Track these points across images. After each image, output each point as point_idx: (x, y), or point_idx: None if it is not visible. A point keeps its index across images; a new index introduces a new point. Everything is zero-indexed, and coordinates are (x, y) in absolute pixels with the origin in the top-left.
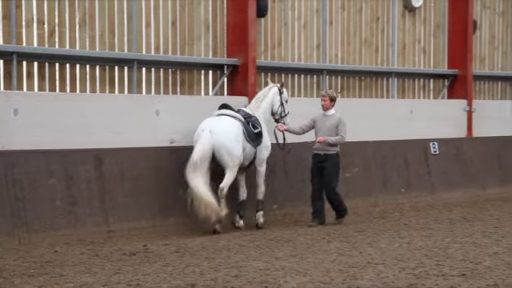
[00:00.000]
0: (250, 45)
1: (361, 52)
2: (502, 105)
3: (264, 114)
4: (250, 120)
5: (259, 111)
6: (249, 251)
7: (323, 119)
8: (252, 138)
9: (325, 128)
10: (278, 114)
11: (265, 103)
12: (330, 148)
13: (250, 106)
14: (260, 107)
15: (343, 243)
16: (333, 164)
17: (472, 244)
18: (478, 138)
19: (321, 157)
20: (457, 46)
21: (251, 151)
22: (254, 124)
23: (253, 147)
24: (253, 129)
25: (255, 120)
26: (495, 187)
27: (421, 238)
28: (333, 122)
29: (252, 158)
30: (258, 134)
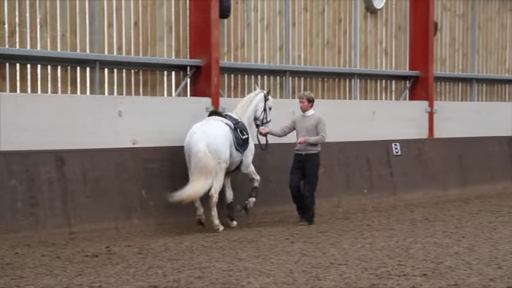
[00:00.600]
0: (212, 46)
1: (323, 53)
2: (462, 106)
3: (249, 119)
4: (237, 126)
5: (245, 117)
6: (212, 252)
7: (303, 120)
8: (240, 144)
9: (304, 129)
10: (260, 120)
11: (250, 108)
12: (310, 148)
13: (237, 110)
14: (246, 112)
15: (306, 244)
16: (313, 164)
17: (433, 244)
18: (439, 139)
19: (302, 156)
20: (418, 47)
21: (238, 157)
22: (242, 130)
23: (240, 153)
24: (241, 135)
25: (242, 126)
26: (456, 188)
27: (383, 238)
28: (312, 122)
29: (238, 163)
30: (245, 140)
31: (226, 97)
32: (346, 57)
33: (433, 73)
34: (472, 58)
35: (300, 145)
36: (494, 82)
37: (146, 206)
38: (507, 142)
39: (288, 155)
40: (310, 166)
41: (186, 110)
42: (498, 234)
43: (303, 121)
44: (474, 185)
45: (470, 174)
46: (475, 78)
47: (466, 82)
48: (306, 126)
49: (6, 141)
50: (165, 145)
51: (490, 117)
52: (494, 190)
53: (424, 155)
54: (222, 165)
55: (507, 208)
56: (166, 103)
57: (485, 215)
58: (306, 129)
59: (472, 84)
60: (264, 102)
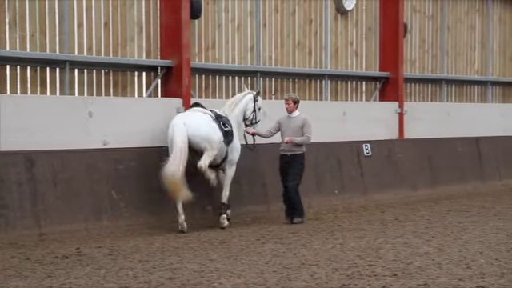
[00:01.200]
0: (183, 46)
1: (294, 54)
2: (432, 107)
3: (237, 118)
4: (220, 120)
5: (232, 114)
6: (183, 253)
7: (288, 121)
8: (223, 134)
9: (290, 129)
10: (249, 120)
11: (238, 108)
12: (296, 149)
13: (224, 108)
14: (234, 111)
15: (277, 244)
16: (298, 164)
17: (403, 244)
18: (409, 140)
19: (287, 157)
20: (388, 48)
21: (223, 148)
22: (225, 123)
23: (224, 144)
24: (223, 127)
25: (226, 120)
26: (426, 188)
27: (354, 238)
28: (298, 123)
29: (224, 156)
30: (227, 132)
31: (197, 97)
32: (317, 58)
33: (403, 74)
34: (441, 59)
35: (285, 145)
36: (463, 83)
37: (116, 207)
38: (476, 143)
39: (258, 157)
40: (294, 165)
41: (157, 110)
42: (468, 234)
43: (289, 122)
44: (444, 185)
45: (440, 174)
46: (444, 79)
47: (436, 83)
48: (292, 127)
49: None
50: (136, 145)
51: (459, 117)
52: (464, 190)
53: (394, 156)
54: (213, 145)
55: (476, 208)
56: (137, 104)
57: (454, 215)
58: (291, 130)
59: (441, 85)
60: (253, 102)
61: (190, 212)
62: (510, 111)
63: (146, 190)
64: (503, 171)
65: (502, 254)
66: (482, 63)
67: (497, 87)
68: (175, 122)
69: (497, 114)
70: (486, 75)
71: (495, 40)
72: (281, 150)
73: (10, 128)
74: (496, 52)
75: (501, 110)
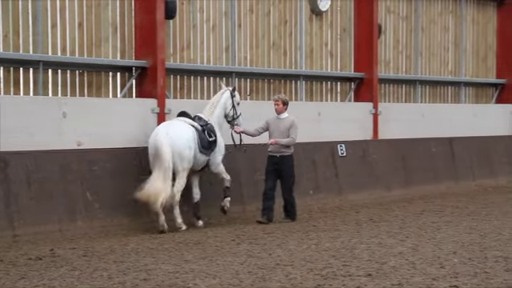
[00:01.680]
0: (158, 47)
1: (269, 55)
2: (406, 107)
3: (218, 119)
4: (205, 128)
5: (213, 117)
6: (158, 254)
7: (276, 122)
8: (205, 146)
9: (278, 130)
10: (230, 117)
11: (218, 108)
12: (284, 150)
13: (205, 111)
14: (214, 113)
15: (252, 245)
16: (289, 166)
17: (378, 244)
18: (384, 140)
19: (276, 158)
20: (362, 49)
21: (202, 158)
22: (210, 132)
23: (205, 155)
24: (208, 137)
25: (211, 128)
26: (400, 188)
27: (328, 239)
28: (286, 124)
29: (204, 164)
30: (211, 143)
31: (172, 98)
32: (292, 58)
33: (377, 74)
34: (415, 60)
35: (273, 147)
36: (437, 84)
37: (90, 208)
38: (449, 143)
39: (234, 156)
40: (285, 168)
41: (132, 111)
42: (441, 234)
43: (277, 123)
44: (418, 185)
45: (414, 174)
46: (418, 79)
47: (410, 84)
48: (280, 128)
49: None
50: (110, 146)
51: (433, 118)
52: (437, 191)
53: (368, 156)
54: (184, 165)
55: (450, 208)
56: (112, 104)
57: (428, 215)
58: (279, 131)
59: (415, 86)
60: (231, 98)
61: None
62: (482, 112)
63: (120, 191)
64: (476, 171)
65: (475, 253)
66: (456, 64)
67: (470, 88)
68: (159, 130)
69: (470, 114)
70: (459, 76)
71: (468, 41)
72: (269, 151)
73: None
74: (469, 53)
75: (474, 110)
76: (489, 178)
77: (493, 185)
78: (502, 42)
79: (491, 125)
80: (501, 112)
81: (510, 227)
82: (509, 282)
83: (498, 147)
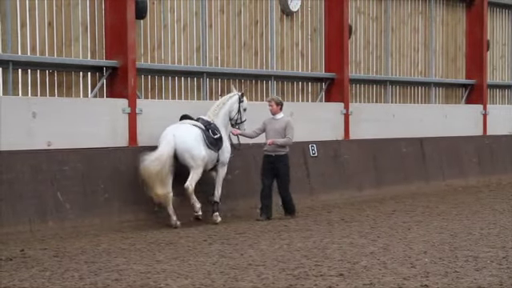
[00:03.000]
0: (129, 47)
1: (240, 55)
2: (377, 108)
3: (223, 121)
4: (209, 127)
5: (218, 118)
6: (130, 255)
7: (272, 122)
8: (212, 143)
9: (273, 131)
10: (234, 121)
11: (223, 110)
12: (280, 149)
13: (209, 113)
14: (218, 114)
15: (224, 245)
16: (284, 165)
17: (349, 244)
18: (355, 141)
19: (272, 158)
20: (333, 50)
21: (213, 155)
22: (214, 130)
23: (214, 152)
24: (212, 135)
25: (214, 127)
26: (371, 188)
27: (300, 239)
28: (281, 124)
29: (215, 161)
30: (217, 140)
31: (143, 98)
32: (263, 59)
33: (348, 75)
34: (386, 61)
35: (269, 146)
36: (407, 84)
37: (61, 209)
38: (420, 143)
39: None
40: (281, 167)
41: (103, 111)
42: (412, 234)
43: (273, 123)
44: (389, 185)
45: (385, 174)
46: (389, 80)
47: (380, 84)
48: (276, 128)
49: None
50: (81, 146)
51: (404, 118)
52: (408, 191)
53: (340, 156)
54: (197, 162)
55: (421, 208)
56: (82, 104)
57: (399, 215)
58: (275, 131)
59: (386, 86)
60: (238, 103)
61: (136, 212)
62: (452, 112)
63: (91, 191)
64: (446, 171)
65: (445, 253)
66: (426, 65)
67: (440, 88)
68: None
69: (440, 115)
70: (429, 77)
71: (438, 42)
72: (265, 151)
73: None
74: (439, 53)
75: (444, 111)
76: (459, 178)
77: (463, 185)
78: (471, 43)
79: (461, 125)
80: (471, 112)
81: (480, 227)
82: (479, 282)
83: (467, 147)
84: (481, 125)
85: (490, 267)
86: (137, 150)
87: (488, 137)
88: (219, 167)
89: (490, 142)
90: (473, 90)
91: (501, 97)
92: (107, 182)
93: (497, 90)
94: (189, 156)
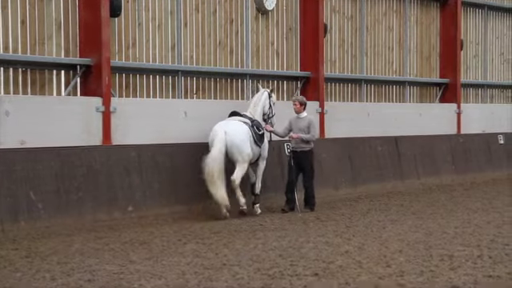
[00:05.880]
0: (103, 45)
1: (216, 54)
2: (352, 106)
3: (260, 117)
4: (254, 124)
5: (257, 114)
6: (103, 255)
7: (297, 121)
8: (258, 139)
9: (297, 129)
10: (267, 115)
11: (259, 107)
12: (304, 145)
13: (250, 110)
14: (257, 111)
15: (199, 245)
16: (309, 160)
17: (325, 243)
18: (330, 139)
19: (297, 153)
20: (308, 48)
21: (257, 151)
22: (258, 127)
23: (258, 147)
24: (258, 131)
25: (258, 123)
26: (347, 187)
27: (276, 238)
28: (305, 123)
29: (258, 155)
30: (261, 136)
31: (117, 97)
32: (238, 57)
33: (323, 74)
34: (361, 60)
35: (295, 143)
36: (382, 83)
37: (34, 209)
38: (395, 142)
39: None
40: (306, 162)
41: (76, 110)
42: (387, 233)
43: (297, 122)
44: (364, 184)
45: (360, 173)
46: (364, 79)
47: (356, 83)
48: (300, 127)
49: None
50: (54, 145)
51: (379, 117)
52: (384, 189)
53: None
54: (244, 157)
55: (396, 207)
56: (55, 103)
57: (374, 214)
58: (299, 129)
59: (361, 85)
60: (269, 98)
61: (109, 212)
62: (426, 111)
63: (64, 190)
64: (421, 170)
65: (420, 252)
66: (400, 63)
67: (414, 87)
68: (216, 130)
69: (415, 113)
70: (403, 75)
71: (412, 41)
72: (292, 147)
73: None
74: (413, 52)
75: (418, 109)
76: (433, 176)
77: (437, 183)
78: (445, 42)
79: (436, 124)
80: (445, 111)
81: (454, 226)
82: (454, 281)
83: (442, 146)
84: (455, 123)
85: (464, 266)
86: (111, 149)
87: (462, 135)
88: (260, 161)
89: (464, 141)
90: (447, 89)
91: (474, 96)
92: (81, 181)
93: (470, 89)
94: (237, 151)
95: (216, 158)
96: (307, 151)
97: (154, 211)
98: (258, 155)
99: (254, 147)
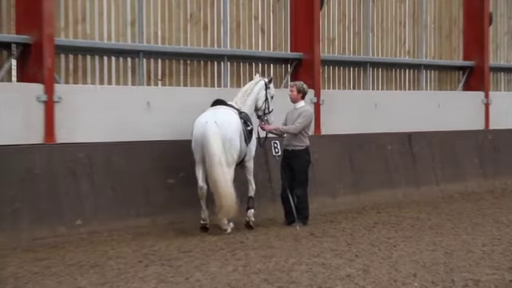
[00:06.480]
0: (45, 19)
1: (186, 30)
2: (354, 95)
3: (250, 110)
4: (241, 116)
5: (246, 107)
6: (43, 280)
7: (292, 113)
8: (246, 135)
9: (291, 122)
10: (262, 110)
11: (251, 98)
12: (296, 143)
13: (237, 100)
14: (246, 102)
15: (164, 267)
16: (301, 161)
17: (320, 265)
18: (327, 136)
19: (289, 153)
20: (301, 24)
21: (244, 150)
22: (246, 121)
23: (246, 145)
24: (245, 126)
25: (246, 116)
26: (347, 196)
27: (260, 259)
28: (297, 115)
29: (244, 155)
30: (250, 132)
31: (63, 83)
32: (214, 35)
33: (319, 55)
34: (365, 38)
35: (287, 140)
36: (392, 67)
37: None
38: (408, 139)
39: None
40: (297, 164)
41: (11, 99)
42: (398, 252)
43: (292, 113)
44: (370, 191)
45: (365, 178)
46: (369, 61)
47: (359, 67)
48: (293, 119)
49: None
50: None
51: (388, 108)
52: (394, 198)
53: None
54: (234, 156)
55: (409, 220)
56: None
57: (382, 229)
58: (292, 122)
59: (366, 69)
60: (265, 90)
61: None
62: (447, 101)
63: None
64: (440, 174)
65: (439, 275)
66: (414, 42)
67: (432, 72)
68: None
69: (433, 104)
70: (418, 57)
71: (429, 14)
72: (284, 145)
73: None
74: (430, 29)
75: (437, 99)
76: (456, 182)
77: (460, 190)
78: (470, 17)
79: (458, 117)
80: (470, 101)
81: (481, 243)
82: None
83: (466, 144)
84: (482, 116)
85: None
86: (54, 148)
87: (491, 131)
88: (247, 162)
89: (494, 138)
90: (472, 74)
91: (506, 82)
92: (17, 189)
93: (501, 74)
94: (229, 149)
95: (221, 160)
96: (300, 151)
97: (109, 225)
98: (244, 156)
99: (242, 144)
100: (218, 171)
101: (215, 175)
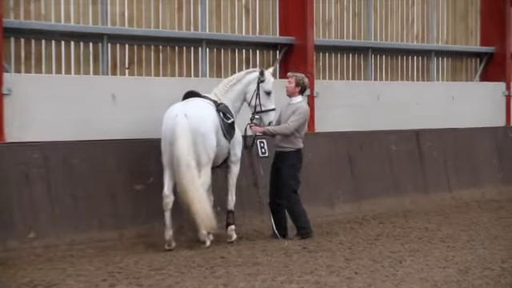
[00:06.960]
0: None
1: (157, 11)
2: (354, 87)
3: (234, 102)
4: (219, 109)
5: (226, 97)
6: None
7: (286, 108)
8: (227, 130)
9: (284, 119)
10: (252, 107)
11: (236, 89)
12: (285, 145)
13: (216, 90)
14: (228, 93)
15: (133, 286)
16: (288, 164)
17: (314, 284)
18: (322, 135)
19: (277, 156)
20: (292, 4)
21: (225, 146)
22: (225, 113)
23: (227, 142)
24: (224, 118)
25: (225, 108)
26: (346, 204)
27: (244, 276)
28: (291, 111)
29: (226, 155)
30: (230, 125)
31: (12, 72)
32: (191, 16)
33: (313, 40)
34: (367, 20)
35: (277, 141)
36: (398, 53)
37: None
38: (416, 138)
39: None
40: (283, 167)
41: None
42: (405, 269)
43: (286, 109)
44: (372, 199)
45: (366, 183)
46: (372, 47)
47: (360, 53)
48: (287, 116)
49: None
50: None
51: (393, 102)
52: (400, 206)
53: None
54: (210, 154)
55: (417, 231)
56: None
57: (386, 242)
58: (285, 120)
59: (367, 56)
60: (257, 83)
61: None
62: (462, 93)
63: None
64: (454, 179)
65: None
66: (424, 25)
67: (444, 59)
68: (174, 112)
69: (445, 96)
70: (429, 42)
71: None
72: (274, 146)
73: None
74: (443, 9)
75: (450, 90)
76: (471, 188)
77: (477, 198)
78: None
79: (475, 111)
80: (489, 93)
81: (500, 259)
82: None
83: (484, 144)
84: (503, 111)
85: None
86: (3, 148)
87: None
88: (231, 164)
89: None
90: (491, 62)
91: None
92: None
93: None
94: (202, 145)
95: (188, 162)
96: (288, 152)
97: (68, 238)
98: (227, 154)
99: (221, 140)
100: (185, 177)
101: (182, 181)
